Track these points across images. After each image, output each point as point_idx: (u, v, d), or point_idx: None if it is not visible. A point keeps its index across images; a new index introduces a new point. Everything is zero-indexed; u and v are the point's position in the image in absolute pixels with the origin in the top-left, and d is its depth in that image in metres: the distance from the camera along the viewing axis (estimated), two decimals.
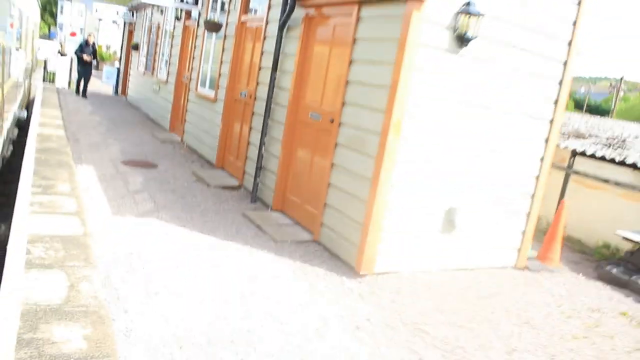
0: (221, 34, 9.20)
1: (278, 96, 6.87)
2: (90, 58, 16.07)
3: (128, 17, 18.40)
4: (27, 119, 10.20)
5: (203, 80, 10.13)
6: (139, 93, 16.03)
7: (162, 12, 13.56)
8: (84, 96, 16.29)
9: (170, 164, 8.59)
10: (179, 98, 11.69)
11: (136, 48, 16.72)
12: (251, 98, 7.74)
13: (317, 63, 6.22)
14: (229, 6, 9.06)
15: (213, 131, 9.12)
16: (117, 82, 20.13)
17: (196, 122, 10.13)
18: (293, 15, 6.58)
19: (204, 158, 9.43)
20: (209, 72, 9.85)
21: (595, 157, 8.19)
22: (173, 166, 8.50)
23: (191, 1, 10.65)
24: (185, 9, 11.22)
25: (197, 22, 10.53)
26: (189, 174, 8.09)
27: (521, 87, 5.64)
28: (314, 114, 6.10)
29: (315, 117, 6.08)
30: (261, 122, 7.06)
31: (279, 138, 6.73)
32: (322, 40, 6.18)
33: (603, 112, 56.80)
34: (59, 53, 23.63)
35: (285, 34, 6.78)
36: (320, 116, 5.97)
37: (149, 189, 6.79)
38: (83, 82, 16.44)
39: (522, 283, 5.85)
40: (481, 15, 4.91)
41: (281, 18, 6.67)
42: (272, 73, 6.85)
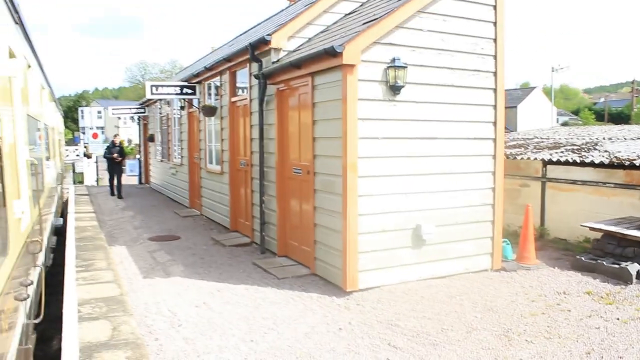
0: (218, 116, 10.62)
1: (268, 160, 8.12)
2: (119, 158, 15.87)
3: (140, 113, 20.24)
4: (64, 224, 11.11)
5: (210, 157, 11.52)
6: (160, 179, 17.58)
7: (169, 104, 15.23)
8: (120, 197, 15.81)
9: (191, 234, 9.80)
10: (194, 177, 13.07)
11: (152, 139, 18.39)
12: (248, 165, 9.01)
13: (292, 127, 7.48)
14: (221, 91, 10.53)
15: (224, 200, 10.38)
16: (140, 172, 21.85)
17: (210, 195, 11.43)
18: (267, 91, 7.92)
19: (221, 225, 10.65)
20: (214, 150, 11.23)
21: (561, 163, 9.12)
22: (193, 235, 9.71)
23: (190, 91, 12.19)
24: (186, 99, 12.78)
25: (198, 109, 12.03)
26: (208, 239, 9.28)
27: (460, 116, 6.77)
28: (296, 169, 7.29)
29: (297, 172, 7.27)
30: (258, 184, 8.28)
31: (274, 195, 7.91)
32: (292, 108, 7.46)
33: (626, 119, 56.75)
34: (85, 155, 25.72)
35: (265, 108, 8.10)
36: (300, 170, 7.16)
37: (173, 255, 7.97)
38: (116, 182, 16.11)
39: (496, 281, 6.74)
40: (406, 67, 6.13)
41: (259, 95, 8.01)
42: (260, 141, 8.14)
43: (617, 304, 5.87)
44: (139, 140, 23.17)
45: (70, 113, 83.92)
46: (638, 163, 7.74)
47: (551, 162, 9.34)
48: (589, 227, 7.61)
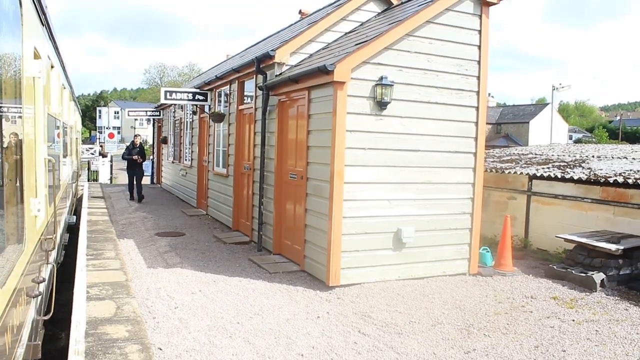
0: (226, 121, 11.32)
1: (268, 165, 8.77)
2: (139, 158, 15.12)
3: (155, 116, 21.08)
4: (77, 222, 11.49)
5: (217, 161, 12.22)
6: (171, 179, 18.33)
7: (183, 109, 16.00)
8: (140, 200, 15.02)
9: (195, 232, 10.47)
10: (202, 179, 13.77)
11: (165, 142, 19.17)
12: (251, 170, 9.68)
13: (290, 135, 8.12)
14: (230, 99, 11.23)
15: (228, 201, 11.05)
16: (152, 173, 22.66)
17: (215, 197, 12.11)
18: (270, 102, 8.59)
19: (224, 224, 11.31)
20: (221, 154, 11.92)
21: (544, 178, 9.66)
22: (198, 233, 10.38)
23: (202, 98, 12.92)
24: (199, 105, 13.51)
25: (208, 115, 12.74)
26: (210, 237, 9.94)
27: (443, 131, 7.37)
28: (292, 174, 7.93)
29: (293, 177, 7.91)
30: (259, 187, 8.93)
31: (272, 197, 8.55)
32: (291, 118, 8.11)
33: None
34: (100, 155, 26.64)
35: (267, 117, 8.76)
36: (296, 175, 7.80)
37: (176, 250, 8.64)
38: (136, 185, 15.24)
39: (470, 284, 7.31)
40: (392, 85, 6.76)
41: (262, 105, 8.68)
42: (262, 147, 8.80)
43: (577, 308, 6.41)
44: (153, 142, 24.01)
45: (88, 112, 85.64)
46: (612, 180, 8.27)
47: (536, 177, 9.88)
48: (564, 239, 8.14)
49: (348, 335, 5.21)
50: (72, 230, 10.91)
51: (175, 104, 16.14)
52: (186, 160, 15.65)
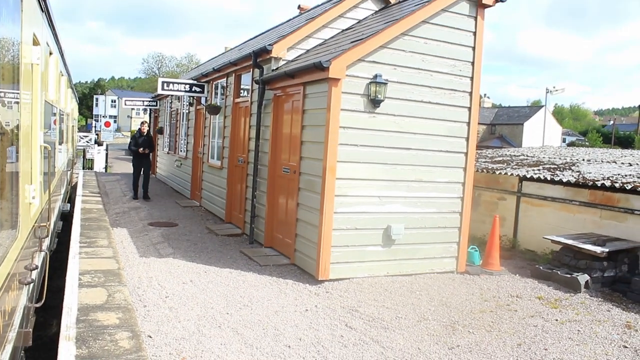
0: (222, 114, 11.37)
1: (262, 159, 8.84)
2: (145, 150, 13.43)
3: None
4: (71, 209, 11.42)
5: (212, 153, 12.27)
6: (165, 170, 18.36)
7: (180, 100, 16.02)
8: (146, 197, 13.36)
9: (188, 223, 10.54)
10: (196, 170, 13.83)
11: (161, 132, 19.19)
12: (245, 163, 9.75)
13: (285, 130, 8.20)
14: (226, 91, 11.28)
15: (221, 193, 11.12)
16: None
17: (209, 188, 12.18)
18: (266, 96, 8.66)
19: (217, 216, 11.38)
20: (216, 146, 11.98)
21: (534, 179, 9.79)
22: (190, 224, 10.45)
23: (199, 90, 12.96)
24: (195, 96, 13.54)
25: (205, 106, 12.78)
26: (203, 228, 10.01)
27: (435, 130, 7.46)
28: (285, 169, 8.01)
29: (286, 171, 7.99)
30: (252, 180, 9.01)
31: (265, 191, 8.63)
32: (286, 112, 8.19)
33: (633, 142, 57.09)
34: (96, 143, 26.64)
35: (263, 110, 8.83)
36: (289, 169, 7.88)
37: (169, 240, 8.71)
38: (143, 180, 13.49)
39: (457, 282, 7.42)
40: (387, 83, 6.84)
41: (258, 99, 8.75)
42: (256, 141, 8.87)
43: (561, 308, 6.54)
44: (149, 131, 24.00)
45: (85, 100, 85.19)
46: (600, 184, 8.39)
47: (526, 179, 10.00)
48: (551, 240, 8.27)
49: (335, 328, 5.31)
50: (66, 217, 10.96)
51: (172, 95, 16.16)
52: (181, 151, 15.69)
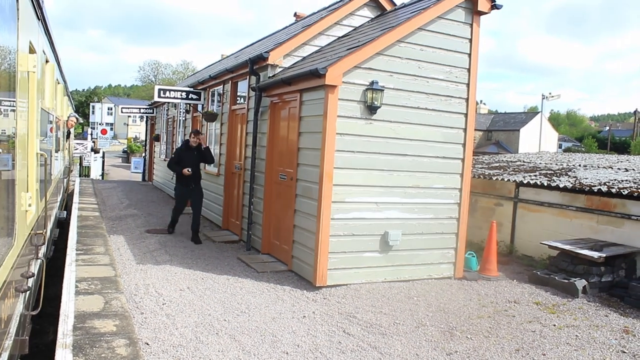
0: (218, 121, 11.38)
1: (259, 165, 8.85)
2: (189, 172, 9.15)
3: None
4: (67, 217, 11.38)
5: None
6: (162, 177, 18.33)
7: (176, 107, 16.02)
8: (196, 239, 9.18)
9: (185, 229, 10.50)
10: None
11: (157, 139, 19.20)
12: (242, 169, 9.75)
13: (281, 136, 8.21)
14: (223, 99, 11.30)
15: (218, 200, 11.11)
16: (144, 170, 22.65)
17: (206, 195, 12.08)
18: (262, 103, 8.67)
19: (214, 223, 11.37)
20: (213, 153, 11.95)
21: (531, 185, 9.81)
22: (187, 231, 10.39)
23: (195, 97, 12.97)
24: (192, 104, 13.56)
25: (201, 114, 12.79)
26: (200, 235, 9.97)
27: (432, 137, 7.48)
28: (282, 175, 8.02)
29: (283, 178, 7.99)
30: (249, 187, 9.00)
31: (262, 197, 8.63)
32: (283, 119, 8.20)
33: (629, 148, 57.40)
34: (92, 150, 26.57)
35: (259, 118, 8.84)
36: (285, 176, 7.89)
37: (166, 247, 8.69)
38: (193, 213, 9.49)
39: (455, 288, 7.42)
40: (383, 90, 6.86)
41: (255, 106, 8.76)
42: (253, 148, 8.87)
43: (559, 314, 6.54)
44: (146, 139, 24.01)
45: (81, 108, 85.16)
46: (597, 189, 8.42)
47: (523, 184, 10.03)
48: (548, 245, 8.28)
49: (333, 334, 5.30)
50: (62, 225, 10.92)
51: (168, 102, 16.17)
52: None
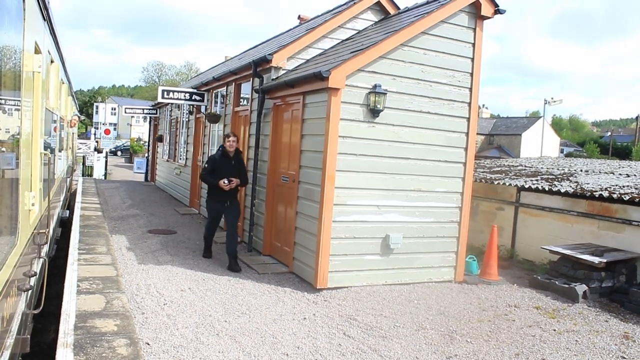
0: (222, 122, 11.42)
1: (261, 167, 8.87)
2: (231, 184, 7.71)
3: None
4: (70, 216, 11.42)
5: None
6: (165, 178, 18.39)
7: (179, 108, 16.08)
8: (233, 267, 7.55)
9: (187, 230, 10.55)
10: (195, 178, 13.82)
11: (160, 140, 19.25)
12: None
13: (284, 139, 8.24)
14: (226, 100, 11.34)
15: None
16: (147, 170, 22.71)
17: None
18: (266, 105, 8.71)
19: None
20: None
21: (532, 190, 9.82)
22: (189, 231, 10.46)
23: (199, 98, 13.02)
24: (195, 105, 13.60)
25: (204, 115, 12.83)
26: (201, 236, 9.95)
27: (434, 140, 7.50)
28: (284, 177, 8.04)
29: (285, 180, 8.02)
30: (251, 189, 9.03)
31: (264, 199, 8.66)
32: (286, 121, 8.23)
33: (630, 154, 57.31)
34: (96, 150, 26.65)
35: (262, 120, 8.87)
36: (288, 178, 7.91)
37: (167, 248, 8.72)
38: (227, 232, 8.01)
39: (455, 291, 7.43)
40: (386, 93, 6.89)
41: (258, 108, 8.79)
42: (256, 150, 8.90)
43: (559, 319, 6.55)
44: (149, 139, 24.08)
45: (85, 108, 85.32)
46: (598, 194, 8.43)
47: (524, 189, 10.04)
48: (549, 250, 8.29)
49: (333, 337, 5.32)
50: (65, 224, 10.95)
51: (172, 103, 16.22)
52: (181, 159, 15.72)
